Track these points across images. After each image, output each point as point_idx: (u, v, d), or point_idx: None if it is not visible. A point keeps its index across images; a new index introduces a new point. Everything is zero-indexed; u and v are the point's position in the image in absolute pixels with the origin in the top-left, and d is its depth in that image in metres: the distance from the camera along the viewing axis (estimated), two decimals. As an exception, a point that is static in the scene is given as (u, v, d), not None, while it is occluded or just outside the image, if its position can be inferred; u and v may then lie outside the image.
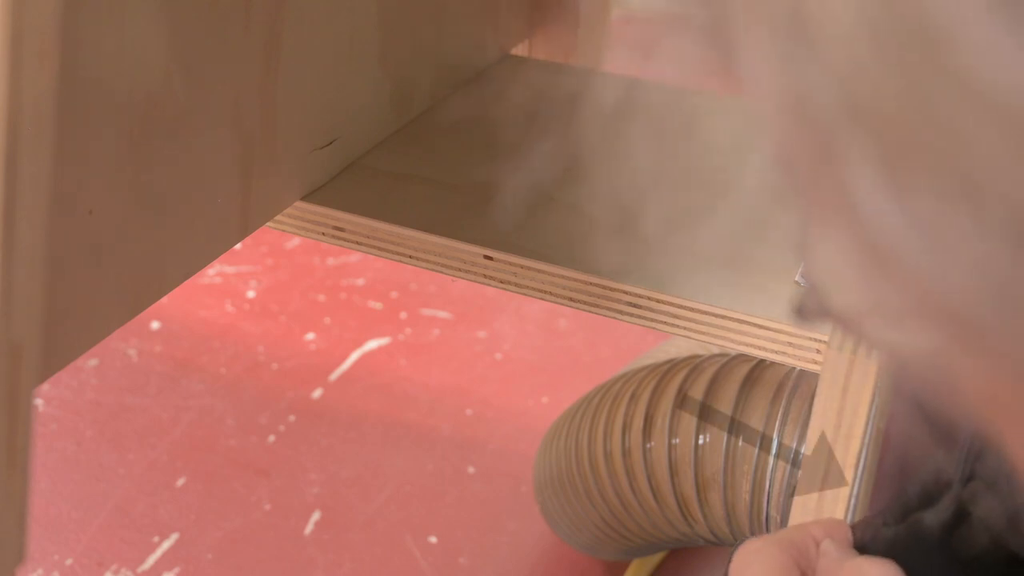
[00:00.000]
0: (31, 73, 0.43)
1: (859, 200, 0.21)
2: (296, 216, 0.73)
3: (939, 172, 0.20)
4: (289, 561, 1.03)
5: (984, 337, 0.21)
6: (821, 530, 0.49)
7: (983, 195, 0.19)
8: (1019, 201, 0.19)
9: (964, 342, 0.22)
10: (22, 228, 0.45)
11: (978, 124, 0.19)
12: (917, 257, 0.21)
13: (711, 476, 0.87)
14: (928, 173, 0.20)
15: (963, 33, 0.19)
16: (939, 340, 0.22)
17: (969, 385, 0.23)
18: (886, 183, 0.21)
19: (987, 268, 0.20)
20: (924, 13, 0.19)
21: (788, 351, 0.66)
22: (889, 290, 0.22)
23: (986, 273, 0.20)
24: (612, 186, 0.76)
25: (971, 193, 0.20)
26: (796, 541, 0.48)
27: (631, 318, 0.68)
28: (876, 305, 0.23)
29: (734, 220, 0.72)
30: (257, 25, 0.63)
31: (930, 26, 0.19)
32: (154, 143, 0.58)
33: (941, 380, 0.23)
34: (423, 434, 1.18)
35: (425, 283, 1.40)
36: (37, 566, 1.01)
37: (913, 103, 0.20)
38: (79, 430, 1.15)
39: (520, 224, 0.72)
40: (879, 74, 0.20)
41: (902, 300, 0.22)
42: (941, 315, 0.21)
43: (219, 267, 1.40)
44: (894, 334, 0.23)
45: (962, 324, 0.21)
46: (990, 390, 0.23)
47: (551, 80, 0.93)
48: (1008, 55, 0.18)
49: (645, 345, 1.22)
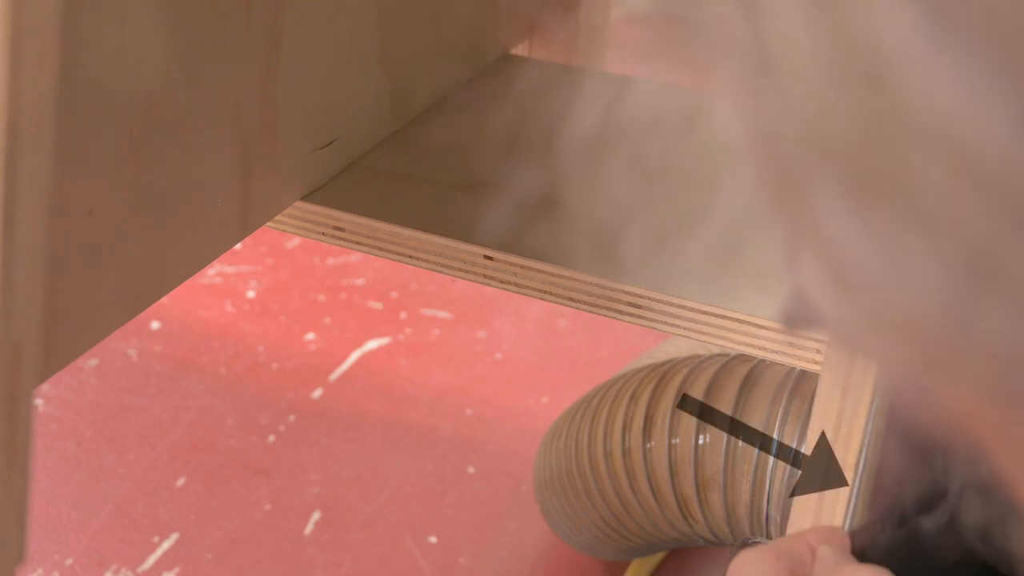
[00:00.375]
0: (31, 73, 0.43)
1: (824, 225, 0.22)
2: (296, 216, 0.73)
3: (894, 200, 0.21)
4: (289, 561, 1.03)
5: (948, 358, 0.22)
6: (817, 537, 0.49)
7: (935, 222, 0.20)
8: (968, 227, 0.20)
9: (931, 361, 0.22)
10: (22, 228, 0.45)
11: (926, 155, 0.20)
12: (880, 281, 0.21)
13: (711, 476, 0.87)
14: (885, 201, 0.21)
15: (909, 68, 0.19)
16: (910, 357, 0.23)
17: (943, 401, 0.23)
18: (848, 210, 0.21)
19: (944, 293, 0.21)
20: (872, 50, 0.20)
21: (788, 351, 0.66)
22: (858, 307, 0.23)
23: (944, 298, 0.21)
24: (612, 186, 0.76)
25: (924, 221, 0.20)
26: (791, 550, 0.48)
27: (631, 318, 0.68)
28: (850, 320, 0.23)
29: (734, 220, 0.72)
30: (257, 25, 0.63)
31: (878, 61, 0.20)
32: (154, 143, 0.58)
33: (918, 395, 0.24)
34: (423, 434, 1.18)
35: (425, 283, 1.40)
36: (37, 566, 1.01)
37: (866, 135, 0.20)
38: (79, 430, 1.15)
39: (520, 224, 0.72)
40: (835, 106, 0.21)
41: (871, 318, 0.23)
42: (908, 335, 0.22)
43: (219, 267, 1.40)
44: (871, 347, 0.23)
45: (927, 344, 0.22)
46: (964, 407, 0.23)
47: (551, 80, 0.93)
48: (951, 89, 0.19)
49: (645, 345, 1.22)
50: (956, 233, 0.20)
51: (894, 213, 0.21)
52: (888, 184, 0.20)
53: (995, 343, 0.20)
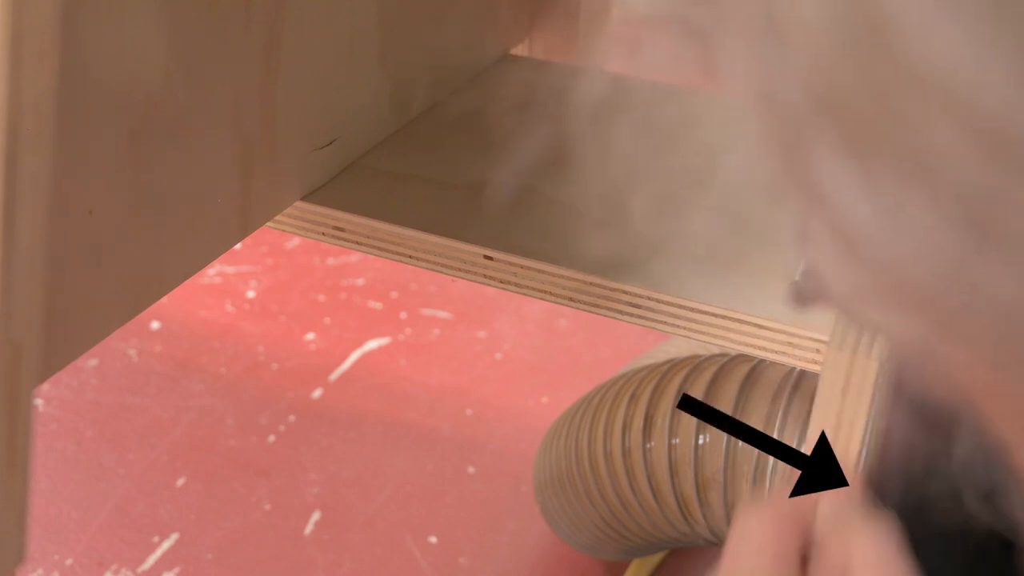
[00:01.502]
0: (31, 73, 0.43)
1: (828, 189, 0.22)
2: (296, 216, 0.73)
3: (897, 159, 0.21)
4: (289, 561, 1.03)
5: (954, 322, 0.22)
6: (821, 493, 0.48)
7: (937, 179, 0.20)
8: (970, 185, 0.20)
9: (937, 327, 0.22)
10: (22, 228, 0.45)
11: (928, 110, 0.20)
12: (884, 243, 0.21)
13: (711, 476, 0.87)
14: (887, 160, 0.21)
15: (911, 21, 0.19)
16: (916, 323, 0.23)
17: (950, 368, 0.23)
18: (851, 171, 0.21)
19: (948, 253, 0.21)
20: (876, 6, 0.20)
21: (788, 351, 0.66)
22: (864, 275, 0.23)
23: (947, 258, 0.21)
24: (612, 186, 0.76)
25: (926, 178, 0.20)
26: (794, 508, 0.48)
27: (631, 318, 0.68)
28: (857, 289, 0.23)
29: (734, 220, 0.72)
30: (257, 25, 0.63)
31: (881, 16, 0.20)
32: (154, 143, 0.58)
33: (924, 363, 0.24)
34: (423, 434, 1.18)
35: (425, 283, 1.40)
36: (37, 566, 1.01)
37: (870, 92, 0.20)
38: (79, 430, 1.15)
39: (520, 224, 0.72)
40: (838, 65, 0.21)
41: (877, 284, 0.23)
42: (913, 300, 0.22)
43: (219, 267, 1.40)
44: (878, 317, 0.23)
45: (933, 309, 0.22)
46: (969, 374, 0.23)
47: (551, 80, 0.93)
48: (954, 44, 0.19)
49: (645, 345, 1.22)
50: (959, 189, 0.20)
51: (897, 171, 0.21)
52: (891, 141, 0.20)
53: (997, 302, 0.20)
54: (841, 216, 0.22)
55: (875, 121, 0.20)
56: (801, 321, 0.66)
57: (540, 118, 0.76)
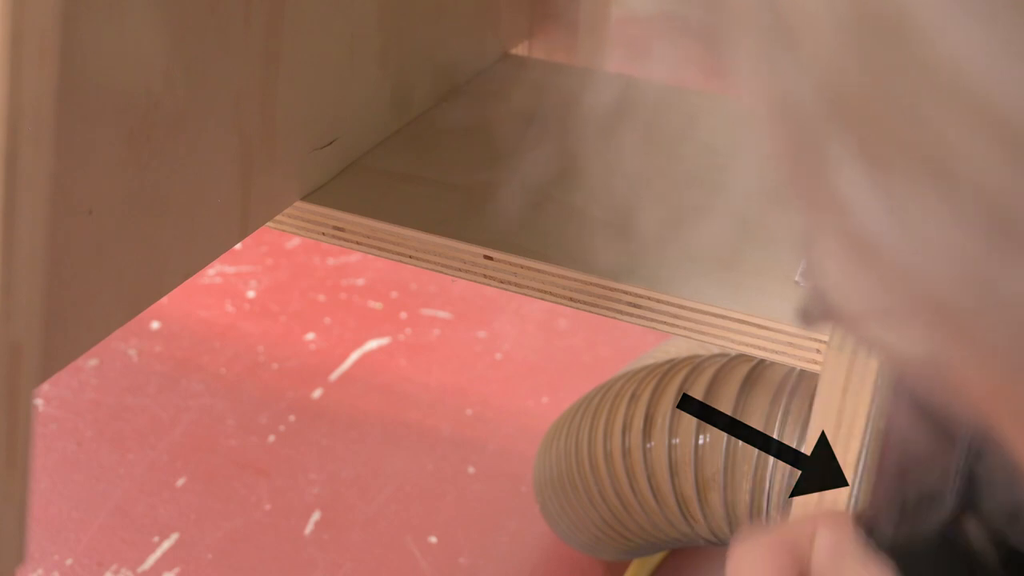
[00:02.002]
0: (31, 73, 0.43)
1: (843, 195, 0.21)
2: (296, 216, 0.73)
3: (914, 163, 0.20)
4: (289, 561, 1.03)
5: (972, 329, 0.21)
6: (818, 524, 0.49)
7: (957, 183, 0.20)
8: (990, 187, 0.19)
9: (954, 336, 0.22)
10: (22, 228, 0.45)
11: (946, 113, 0.19)
12: (900, 249, 0.21)
13: (711, 476, 0.87)
14: (904, 164, 0.20)
15: (928, 21, 0.19)
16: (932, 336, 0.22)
17: (965, 381, 0.23)
18: (867, 176, 0.21)
19: (966, 258, 0.20)
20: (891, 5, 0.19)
21: (788, 351, 0.66)
22: (879, 286, 0.22)
23: (966, 263, 0.20)
24: (612, 186, 0.76)
25: (944, 181, 0.20)
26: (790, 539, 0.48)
27: (631, 318, 0.68)
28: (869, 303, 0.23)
29: (734, 220, 0.72)
30: (257, 25, 0.63)
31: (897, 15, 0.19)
32: (154, 143, 0.58)
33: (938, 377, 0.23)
34: (423, 434, 1.18)
35: (425, 283, 1.40)
36: (37, 566, 1.01)
37: (885, 95, 0.20)
38: (79, 430, 1.15)
39: (520, 224, 0.72)
40: (853, 68, 0.20)
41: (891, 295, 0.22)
42: (929, 309, 0.22)
43: (219, 267, 1.40)
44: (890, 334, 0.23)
45: (950, 317, 0.21)
46: (986, 385, 0.23)
47: (551, 80, 0.93)
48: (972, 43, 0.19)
49: (645, 345, 1.22)
50: (979, 192, 0.20)
51: (913, 174, 0.20)
52: (907, 144, 0.20)
53: (1018, 307, 0.20)
54: (856, 223, 0.21)
55: (891, 124, 0.20)
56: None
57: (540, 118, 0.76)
